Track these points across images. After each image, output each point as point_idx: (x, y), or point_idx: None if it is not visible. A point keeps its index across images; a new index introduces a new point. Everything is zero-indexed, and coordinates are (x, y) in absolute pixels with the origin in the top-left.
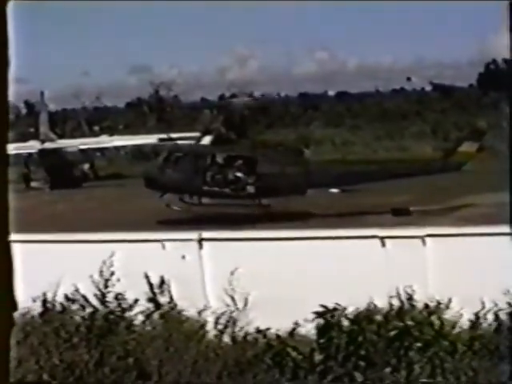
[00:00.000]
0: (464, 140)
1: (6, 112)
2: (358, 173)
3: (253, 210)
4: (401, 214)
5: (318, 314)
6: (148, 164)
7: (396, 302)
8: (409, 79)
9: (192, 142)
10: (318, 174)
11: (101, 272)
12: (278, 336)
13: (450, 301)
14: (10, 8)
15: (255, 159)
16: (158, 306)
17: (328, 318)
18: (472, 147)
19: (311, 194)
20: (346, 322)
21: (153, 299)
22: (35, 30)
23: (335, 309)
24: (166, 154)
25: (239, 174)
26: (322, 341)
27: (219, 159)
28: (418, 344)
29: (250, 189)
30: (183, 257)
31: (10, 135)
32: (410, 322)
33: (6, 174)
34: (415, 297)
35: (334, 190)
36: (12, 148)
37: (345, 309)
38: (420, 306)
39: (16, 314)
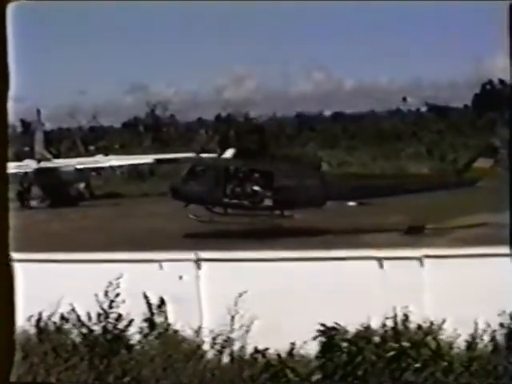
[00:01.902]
0: (479, 156)
1: (6, 132)
2: (374, 187)
3: (276, 221)
4: (415, 232)
5: (321, 333)
6: (175, 177)
7: (392, 323)
8: (404, 100)
9: (215, 155)
10: (335, 187)
11: (106, 292)
12: (278, 356)
13: (443, 321)
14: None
15: (271, 173)
16: (153, 325)
17: (328, 337)
18: (486, 163)
19: (329, 207)
20: (344, 343)
21: (149, 319)
22: (31, 50)
23: (334, 328)
24: (190, 166)
25: (256, 188)
26: (320, 361)
27: (239, 173)
28: (416, 365)
29: (268, 201)
30: (180, 277)
31: None
32: (406, 344)
33: (7, 193)
34: (411, 317)
35: (352, 204)
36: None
37: (345, 330)
38: (415, 326)
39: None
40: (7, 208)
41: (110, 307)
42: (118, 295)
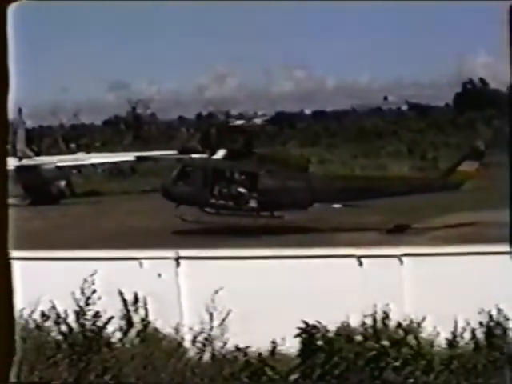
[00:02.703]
0: (464, 159)
1: (6, 128)
2: (358, 189)
3: (266, 221)
4: (400, 231)
5: (302, 330)
6: (159, 175)
7: (372, 321)
8: (385, 98)
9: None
10: (320, 189)
11: (82, 290)
12: (259, 354)
13: (423, 319)
14: None
15: (256, 174)
16: (130, 323)
17: (309, 335)
18: (472, 166)
19: (314, 209)
20: (323, 341)
21: (126, 316)
22: (12, 44)
23: (315, 326)
24: (180, 167)
25: (241, 189)
26: (301, 359)
27: (226, 174)
28: (396, 363)
29: (252, 203)
30: (159, 275)
31: None
32: (386, 342)
33: (6, 189)
34: (391, 315)
35: (337, 206)
36: None
37: (325, 328)
38: (395, 324)
39: None
40: (7, 205)
41: (87, 304)
42: (94, 292)
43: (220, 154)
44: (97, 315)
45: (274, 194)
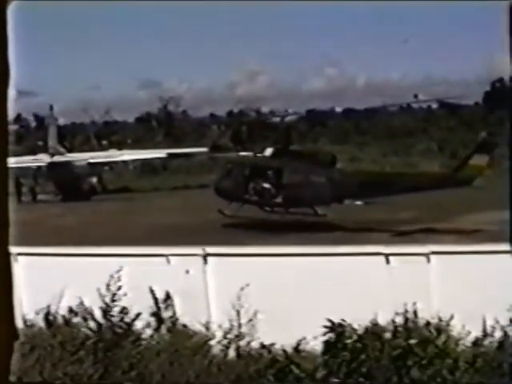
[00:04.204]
0: (474, 153)
1: (6, 127)
2: (373, 185)
3: (309, 218)
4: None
5: (329, 329)
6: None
7: (400, 320)
8: (416, 96)
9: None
10: (341, 185)
11: (107, 286)
12: (284, 351)
13: (451, 318)
14: (13, 19)
15: (281, 169)
16: (161, 320)
17: (336, 334)
18: (482, 160)
19: (336, 206)
20: (349, 340)
21: (156, 314)
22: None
23: (341, 325)
24: (228, 164)
25: (266, 185)
26: (326, 357)
27: (260, 170)
28: (422, 362)
29: (279, 199)
30: (187, 271)
31: (19, 148)
32: (413, 341)
33: (7, 187)
34: (419, 314)
35: (358, 203)
36: (21, 161)
37: (352, 327)
38: (423, 323)
39: (21, 327)
40: (7, 202)
41: (113, 301)
42: (119, 288)
43: (268, 151)
44: (123, 311)
45: (298, 190)
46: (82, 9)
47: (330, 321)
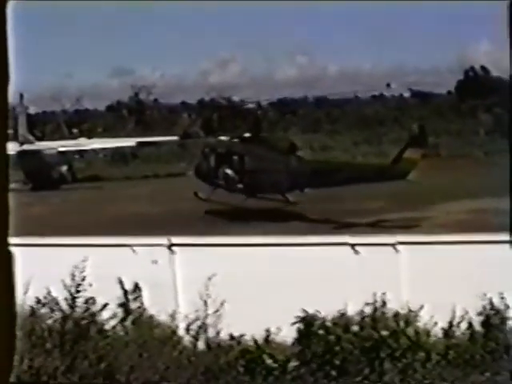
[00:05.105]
0: (407, 147)
1: (6, 113)
2: (322, 174)
3: (282, 205)
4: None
5: (301, 319)
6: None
7: (369, 309)
8: (388, 85)
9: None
10: (298, 173)
11: (73, 276)
12: (255, 342)
13: (421, 308)
14: None
15: (243, 156)
16: (128, 311)
17: (306, 324)
18: (416, 154)
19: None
20: (321, 331)
21: (124, 304)
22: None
23: (310, 315)
24: (204, 149)
25: (228, 171)
26: (297, 348)
27: (228, 156)
28: (394, 354)
29: (240, 185)
30: (155, 261)
31: None
32: (385, 332)
33: (7, 175)
34: (388, 304)
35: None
36: None
37: (323, 317)
38: (392, 313)
39: None
40: (7, 190)
41: (77, 291)
42: (84, 279)
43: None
44: (88, 302)
45: (258, 176)
46: None
47: (304, 310)
